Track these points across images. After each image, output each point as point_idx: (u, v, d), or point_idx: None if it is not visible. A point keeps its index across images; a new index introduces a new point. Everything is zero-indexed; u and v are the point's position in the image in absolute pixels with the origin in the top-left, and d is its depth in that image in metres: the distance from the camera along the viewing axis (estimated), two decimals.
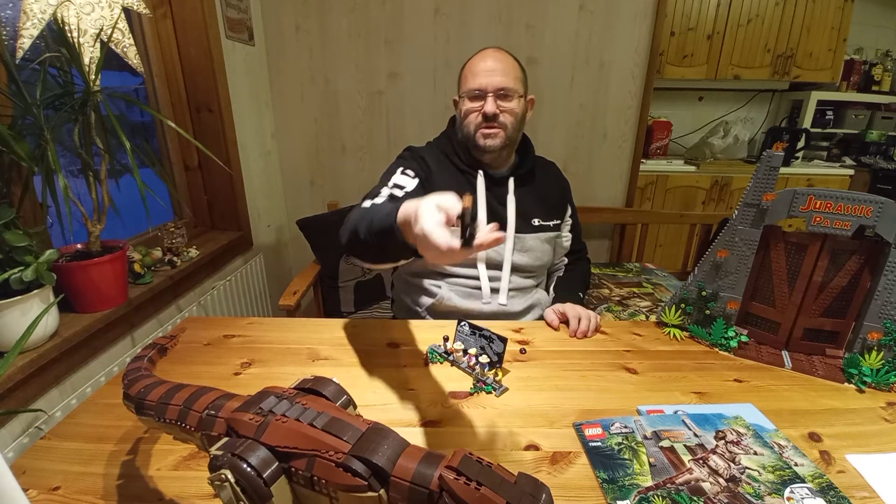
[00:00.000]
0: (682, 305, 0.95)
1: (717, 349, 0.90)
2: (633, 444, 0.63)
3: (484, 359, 0.80)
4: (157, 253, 1.29)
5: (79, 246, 1.04)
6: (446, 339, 0.88)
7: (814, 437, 0.66)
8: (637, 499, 0.55)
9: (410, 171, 1.01)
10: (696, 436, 0.65)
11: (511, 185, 1.09)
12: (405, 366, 0.83)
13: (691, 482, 0.57)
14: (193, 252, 1.40)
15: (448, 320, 0.99)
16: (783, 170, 2.56)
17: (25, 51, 0.90)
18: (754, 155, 2.85)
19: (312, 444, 0.35)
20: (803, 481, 0.57)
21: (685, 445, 0.63)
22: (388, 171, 1.03)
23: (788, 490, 0.56)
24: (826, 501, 0.54)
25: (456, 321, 0.87)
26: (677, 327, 0.96)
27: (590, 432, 0.66)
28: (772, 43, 2.49)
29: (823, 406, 0.74)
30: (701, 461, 0.60)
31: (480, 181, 1.07)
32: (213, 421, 0.41)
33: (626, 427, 0.66)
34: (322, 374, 0.46)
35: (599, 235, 2.35)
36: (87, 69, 0.97)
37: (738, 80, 2.57)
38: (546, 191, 1.15)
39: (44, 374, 0.91)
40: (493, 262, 1.08)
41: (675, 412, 0.70)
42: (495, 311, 1.07)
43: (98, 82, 0.97)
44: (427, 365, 0.84)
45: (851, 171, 2.66)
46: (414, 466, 0.33)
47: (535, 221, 1.11)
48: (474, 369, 0.80)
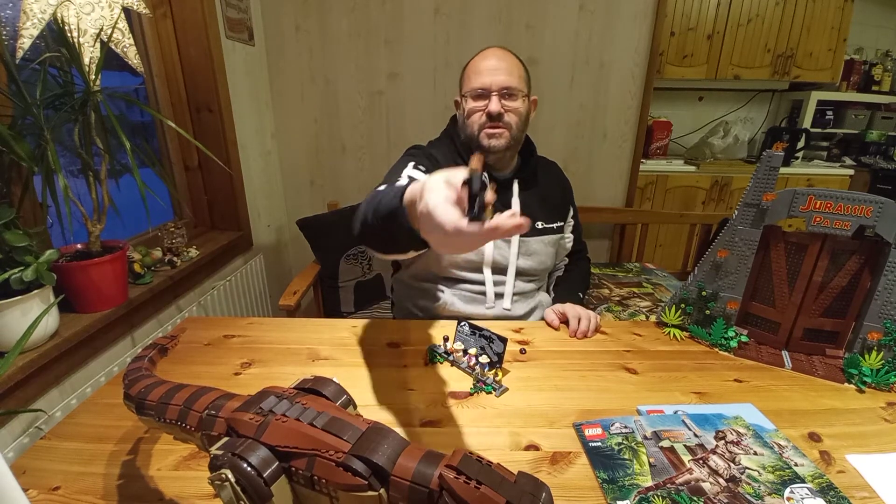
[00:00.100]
0: (682, 305, 0.95)
1: (717, 349, 0.90)
2: (633, 444, 0.63)
3: (484, 359, 0.80)
4: (157, 253, 1.29)
5: (79, 246, 1.04)
6: (446, 339, 0.88)
7: (814, 437, 0.66)
8: (637, 499, 0.55)
9: (422, 166, 0.97)
10: (696, 436, 0.65)
11: (515, 188, 1.07)
12: (405, 366, 0.83)
13: (691, 482, 0.57)
14: (193, 252, 1.40)
15: (448, 320, 0.99)
16: (783, 170, 2.56)
17: (25, 51, 0.90)
18: (754, 155, 2.85)
19: (312, 444, 0.35)
20: (803, 481, 0.57)
21: (685, 445, 0.63)
22: (399, 166, 0.99)
23: (788, 490, 0.56)
24: (826, 501, 0.54)
25: (456, 321, 0.87)
26: (677, 327, 0.96)
27: (590, 432, 0.66)
28: (772, 43, 2.49)
29: (823, 406, 0.74)
30: (701, 461, 0.60)
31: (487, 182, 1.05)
32: (213, 421, 0.41)
33: (626, 427, 0.66)
34: (322, 374, 0.46)
35: (599, 235, 2.35)
36: (87, 69, 0.97)
37: (738, 80, 2.57)
38: (549, 193, 1.14)
39: (44, 374, 0.91)
40: (499, 266, 1.06)
41: (675, 412, 0.70)
42: (499, 315, 1.06)
43: (98, 82, 0.97)
44: (427, 365, 0.84)
45: (851, 171, 2.66)
46: (414, 466, 0.33)
47: (539, 224, 1.09)
48: (474, 369, 0.80)
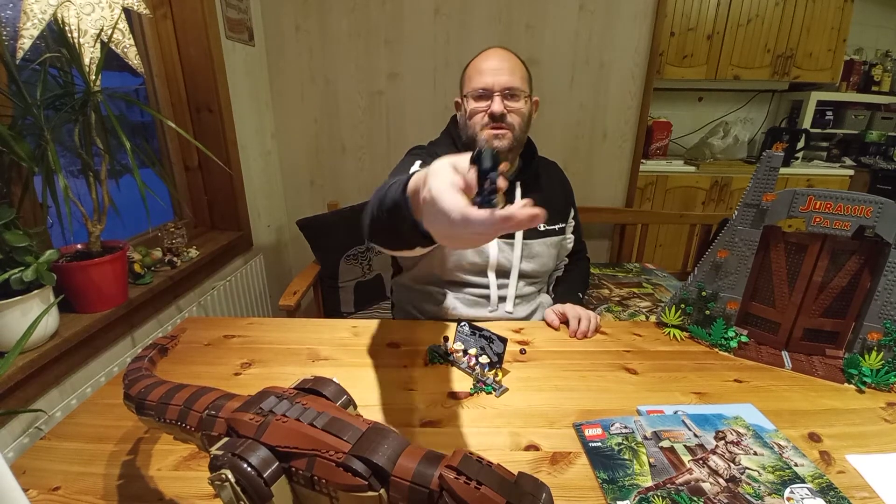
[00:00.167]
0: (682, 306, 0.95)
1: (717, 349, 0.90)
2: (633, 444, 0.63)
3: (484, 359, 0.80)
4: (157, 253, 1.29)
5: (79, 246, 1.04)
6: (446, 339, 0.88)
7: (814, 438, 0.66)
8: (637, 499, 0.55)
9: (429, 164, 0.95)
10: (696, 436, 0.65)
11: (518, 191, 1.06)
12: (405, 366, 0.83)
13: (691, 482, 0.57)
14: (193, 252, 1.40)
15: (448, 321, 0.99)
16: (783, 170, 2.56)
17: (26, 51, 0.90)
18: (754, 155, 2.85)
19: (312, 444, 0.35)
20: (803, 481, 0.57)
21: (685, 446, 0.63)
22: (402, 166, 0.97)
23: (788, 490, 0.56)
24: (826, 502, 0.54)
25: (456, 321, 0.87)
26: (677, 327, 0.96)
27: (590, 432, 0.66)
28: (772, 43, 2.49)
29: (823, 406, 0.74)
30: (701, 461, 0.60)
31: None
32: (213, 421, 0.41)
33: (626, 427, 0.66)
34: (322, 374, 0.46)
35: (599, 235, 2.35)
36: (87, 69, 0.97)
37: (738, 80, 2.57)
38: (551, 195, 1.13)
39: (44, 374, 0.91)
40: (502, 269, 1.05)
41: (675, 412, 0.70)
42: (501, 317, 1.06)
43: (98, 82, 0.98)
44: (427, 365, 0.84)
45: (851, 172, 2.66)
46: (414, 466, 0.33)
47: (541, 226, 1.08)
48: (474, 369, 0.80)
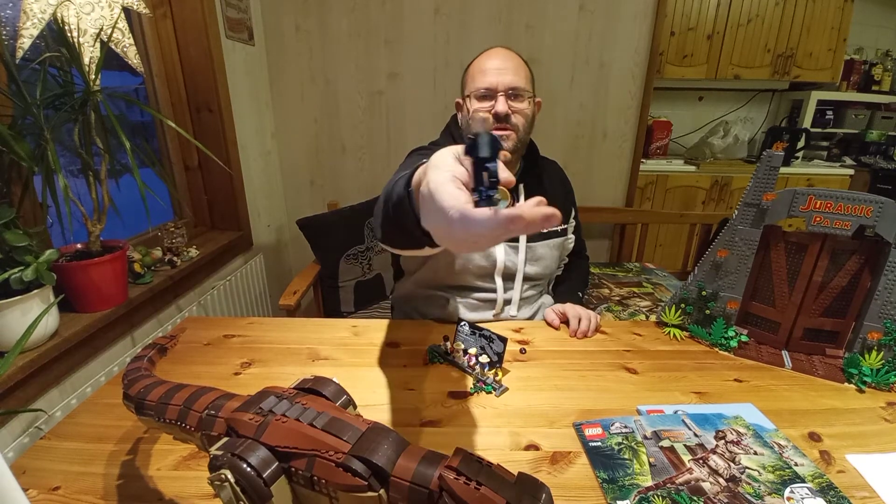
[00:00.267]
0: (682, 305, 0.95)
1: (717, 349, 0.90)
2: (633, 444, 0.63)
3: (484, 359, 0.80)
4: (157, 253, 1.29)
5: (79, 246, 1.04)
6: (446, 339, 0.88)
7: (814, 437, 0.66)
8: (637, 499, 0.55)
9: None
10: (696, 436, 0.65)
11: (522, 193, 1.05)
12: (405, 366, 0.83)
13: (691, 482, 0.57)
14: (193, 252, 1.40)
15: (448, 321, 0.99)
16: (783, 170, 2.56)
17: (25, 51, 0.90)
18: (754, 155, 2.85)
19: (312, 444, 0.35)
20: (803, 481, 0.57)
21: (685, 445, 0.63)
22: (406, 166, 0.90)
23: (788, 490, 0.56)
24: (826, 501, 0.54)
25: (456, 321, 0.87)
26: (677, 327, 0.96)
27: (590, 432, 0.66)
28: (772, 43, 2.49)
29: (823, 406, 0.74)
30: (701, 461, 0.60)
31: None
32: (213, 421, 0.41)
33: (626, 427, 0.66)
34: (322, 374, 0.46)
35: (599, 235, 2.35)
36: (87, 69, 0.97)
37: (738, 79, 2.57)
38: (553, 196, 1.11)
39: (44, 374, 0.91)
40: (508, 272, 1.04)
41: (675, 412, 0.70)
42: (503, 319, 1.05)
43: (98, 82, 0.97)
44: (427, 365, 0.84)
45: (851, 171, 2.66)
46: (414, 466, 0.33)
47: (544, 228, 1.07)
48: (474, 369, 0.80)
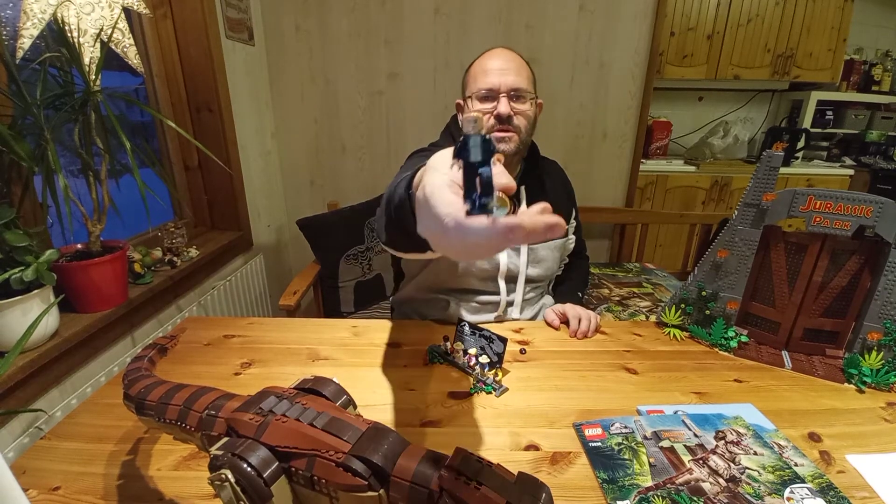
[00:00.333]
0: (682, 305, 0.95)
1: (717, 349, 0.90)
2: (633, 444, 0.63)
3: (484, 359, 0.80)
4: (157, 253, 1.29)
5: (79, 246, 1.04)
6: (446, 339, 0.88)
7: (814, 438, 0.66)
8: (637, 499, 0.55)
9: None
10: (696, 436, 0.65)
11: (524, 195, 1.04)
12: (405, 366, 0.83)
13: (691, 482, 0.57)
14: (193, 252, 1.40)
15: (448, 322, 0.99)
16: (783, 170, 2.56)
17: (25, 51, 0.90)
18: (754, 155, 2.85)
19: (312, 444, 0.35)
20: (803, 481, 0.57)
21: (685, 445, 0.63)
22: (407, 168, 0.89)
23: (788, 490, 0.56)
24: (826, 501, 0.54)
25: (456, 321, 0.87)
26: (677, 327, 0.96)
27: (590, 432, 0.66)
28: (772, 43, 2.49)
29: (823, 406, 0.74)
30: (701, 461, 0.60)
31: None
32: (213, 421, 0.41)
33: (626, 427, 0.66)
34: (322, 374, 0.46)
35: (599, 235, 2.35)
36: (87, 69, 0.97)
37: (738, 80, 2.57)
38: (555, 198, 1.10)
39: (44, 374, 0.91)
40: (511, 275, 1.03)
41: (675, 412, 0.70)
42: (504, 320, 1.05)
43: (98, 82, 0.97)
44: (427, 365, 0.84)
45: (851, 171, 2.66)
46: (414, 466, 0.33)
47: None
48: (474, 369, 0.80)
